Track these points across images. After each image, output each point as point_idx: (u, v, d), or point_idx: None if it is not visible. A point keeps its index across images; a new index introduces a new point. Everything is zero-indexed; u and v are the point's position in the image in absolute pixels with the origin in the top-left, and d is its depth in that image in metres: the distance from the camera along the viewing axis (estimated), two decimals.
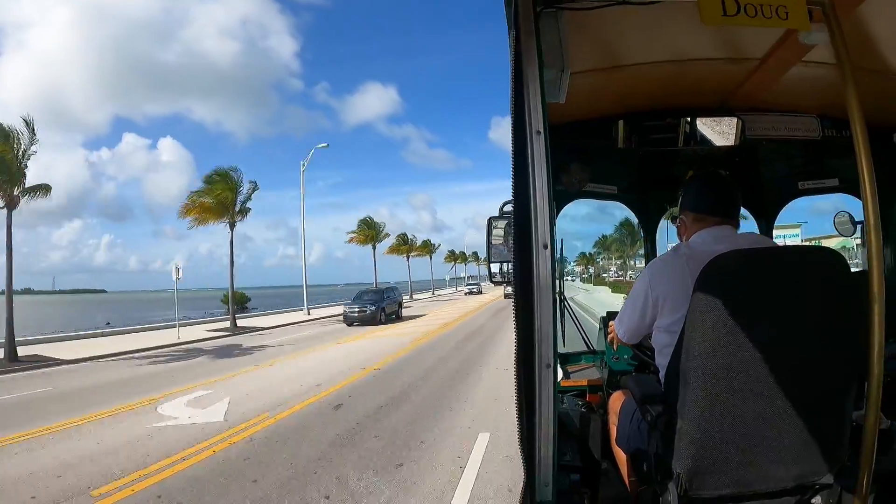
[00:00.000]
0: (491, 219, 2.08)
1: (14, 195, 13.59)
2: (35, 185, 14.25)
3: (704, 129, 2.46)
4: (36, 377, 11.16)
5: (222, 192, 21.31)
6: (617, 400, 1.89)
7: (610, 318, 2.50)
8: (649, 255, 3.35)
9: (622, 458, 1.80)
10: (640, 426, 1.60)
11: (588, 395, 2.76)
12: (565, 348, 3.21)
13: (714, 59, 2.20)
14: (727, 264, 1.32)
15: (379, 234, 41.18)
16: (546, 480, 1.32)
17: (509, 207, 1.45)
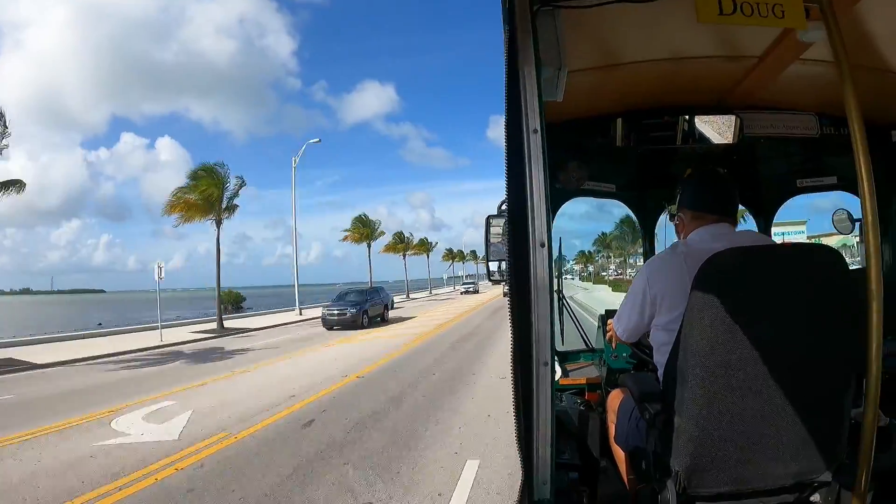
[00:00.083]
0: (489, 217, 2.07)
1: None
2: (6, 181, 13.53)
3: (703, 127, 2.45)
4: (1, 383, 10.36)
5: (207, 189, 20.29)
6: (615, 398, 1.90)
7: (608, 316, 2.50)
8: (647, 253, 3.35)
9: (621, 456, 1.81)
10: (638, 424, 1.60)
11: (587, 393, 2.76)
12: (564, 346, 3.22)
13: (712, 57, 2.19)
14: (725, 262, 1.32)
15: (374, 232, 40.11)
16: (544, 479, 1.32)
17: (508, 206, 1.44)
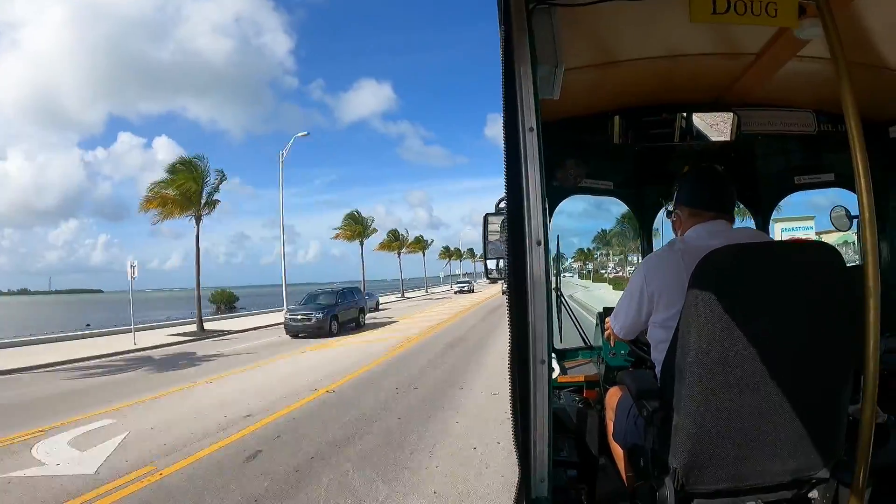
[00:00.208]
0: (487, 215, 2.07)
1: None
2: None
3: (700, 124, 2.46)
4: None
5: (185, 183, 19.08)
6: (613, 395, 1.90)
7: (606, 313, 2.51)
8: (645, 251, 3.35)
9: (619, 453, 1.81)
10: (636, 421, 1.60)
11: (585, 390, 2.77)
12: (562, 344, 3.22)
13: (709, 55, 2.19)
14: (722, 259, 1.32)
15: (366, 229, 38.32)
16: (541, 476, 1.32)
17: (505, 204, 1.44)
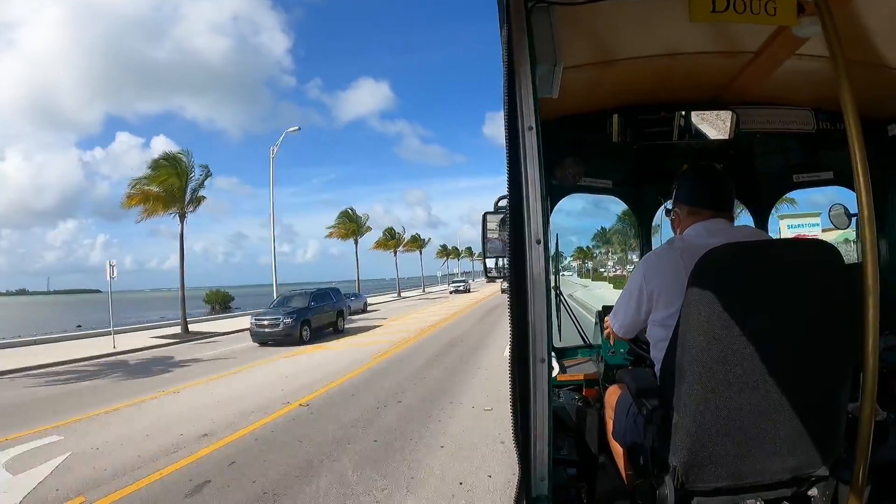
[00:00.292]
0: (486, 214, 2.08)
1: None
2: None
3: (699, 122, 2.46)
4: None
5: (168, 178, 18.48)
6: (613, 394, 1.90)
7: (606, 312, 2.51)
8: (644, 249, 3.35)
9: (619, 451, 1.81)
10: (636, 420, 1.60)
11: (584, 389, 2.77)
12: (562, 343, 3.22)
13: (708, 53, 2.19)
14: (721, 257, 1.32)
15: (361, 227, 37.72)
16: (541, 475, 1.32)
17: (504, 202, 1.44)
